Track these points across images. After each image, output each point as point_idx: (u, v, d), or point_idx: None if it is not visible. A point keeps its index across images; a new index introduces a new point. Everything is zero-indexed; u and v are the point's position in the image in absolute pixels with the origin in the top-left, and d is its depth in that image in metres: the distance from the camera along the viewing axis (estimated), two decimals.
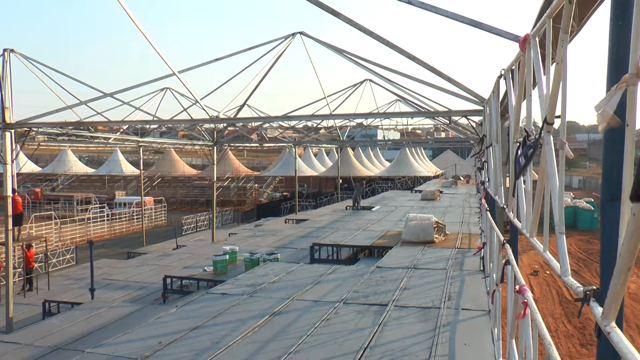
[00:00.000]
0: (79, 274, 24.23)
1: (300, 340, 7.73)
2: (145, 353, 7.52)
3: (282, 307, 9.51)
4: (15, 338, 12.28)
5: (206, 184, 65.43)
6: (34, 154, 69.33)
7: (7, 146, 15.98)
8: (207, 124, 28.97)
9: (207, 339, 7.95)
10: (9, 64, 19.36)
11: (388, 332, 7.98)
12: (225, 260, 17.01)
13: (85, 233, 43.06)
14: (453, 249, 14.78)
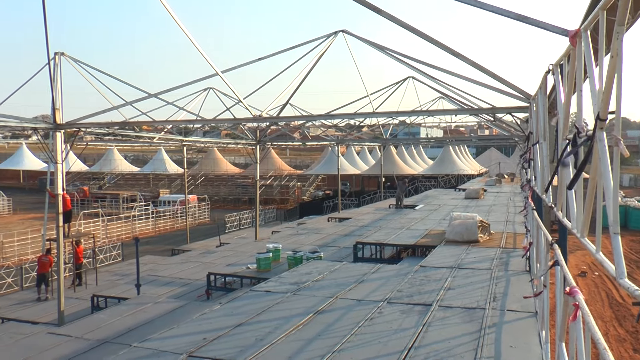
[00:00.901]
0: (125, 270, 24.74)
1: (344, 339, 7.70)
2: (190, 348, 7.60)
3: (326, 305, 9.50)
4: (66, 331, 12.59)
5: (249, 183, 65.93)
6: (82, 153, 70.98)
7: (57, 146, 16.36)
8: (250, 123, 29.16)
9: (251, 336, 7.99)
10: (59, 67, 19.89)
11: (432, 333, 7.89)
12: (269, 258, 17.10)
13: (130, 230, 43.95)
14: (498, 249, 14.53)
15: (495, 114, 18.73)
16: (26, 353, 11.15)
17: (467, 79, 15.35)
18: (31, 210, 57.64)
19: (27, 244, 35.65)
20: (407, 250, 17.68)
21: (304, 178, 72.51)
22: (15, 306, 20.30)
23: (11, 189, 72.01)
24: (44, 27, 14.24)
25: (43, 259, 21.52)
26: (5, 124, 17.80)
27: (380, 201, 43.18)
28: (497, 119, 24.31)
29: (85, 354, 10.67)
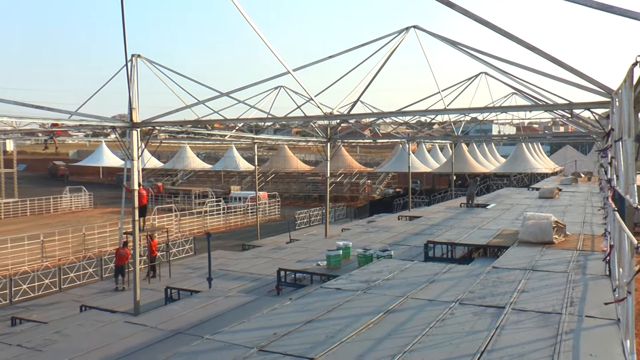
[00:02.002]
0: (197, 264, 25.39)
1: (415, 339, 7.61)
2: (260, 343, 7.70)
3: (397, 305, 9.42)
4: (141, 320, 13.00)
5: (319, 180, 66.26)
6: (156, 150, 73.23)
7: (134, 144, 16.91)
8: (320, 121, 29.30)
9: (321, 333, 8.02)
10: (136, 68, 20.61)
11: (506, 337, 7.68)
12: (339, 255, 17.11)
13: (202, 225, 45.03)
14: (574, 251, 14.00)
15: (573, 110, 18.06)
16: (106, 340, 11.58)
17: (542, 74, 14.81)
18: (110, 205, 60.00)
19: (106, 237, 37.17)
20: (478, 250, 17.32)
21: (374, 176, 72.23)
22: (95, 295, 21.23)
23: (92, 185, 75.15)
24: (123, 32, 14.73)
25: (120, 252, 22.36)
26: (87, 123, 18.60)
27: (451, 200, 42.52)
28: (574, 115, 23.45)
29: (159, 343, 10.95)
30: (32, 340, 13.75)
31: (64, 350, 11.34)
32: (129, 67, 18.13)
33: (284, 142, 65.83)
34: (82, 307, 18.39)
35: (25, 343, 13.52)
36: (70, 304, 20.29)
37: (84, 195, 62.28)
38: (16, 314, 19.32)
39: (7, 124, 26.06)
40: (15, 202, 56.56)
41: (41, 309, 20.06)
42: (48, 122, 21.19)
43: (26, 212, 55.84)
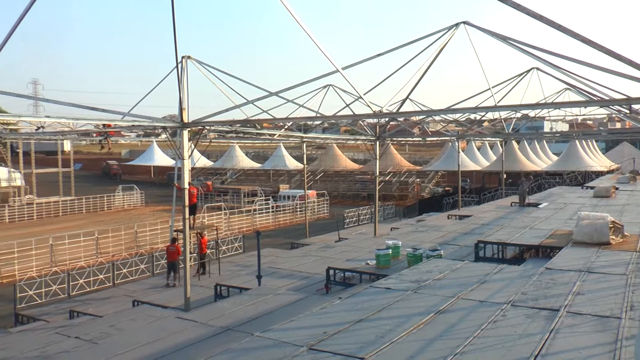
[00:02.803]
0: (246, 261, 25.63)
1: (467, 341, 7.50)
2: (310, 341, 7.72)
3: (447, 305, 9.31)
4: (192, 316, 13.24)
5: (368, 178, 66.00)
6: (206, 150, 74.31)
7: (184, 143, 17.17)
8: (369, 119, 29.17)
9: (371, 332, 7.99)
10: (186, 70, 20.93)
11: (561, 341, 7.48)
12: (388, 254, 17.03)
13: (251, 223, 45.45)
14: (633, 253, 13.54)
15: (631, 105, 17.42)
16: (158, 334, 11.83)
17: (597, 68, 14.31)
18: (161, 203, 61.22)
19: (157, 234, 37.94)
20: (530, 250, 16.95)
21: (423, 174, 71.55)
22: (147, 290, 21.69)
23: (143, 183, 76.84)
24: (173, 34, 14.98)
25: (171, 249, 22.75)
26: (139, 123, 18.98)
27: (502, 199, 41.77)
28: (633, 110, 22.66)
29: (210, 339, 11.11)
30: (89, 332, 14.19)
31: (118, 343, 11.65)
32: (179, 69, 18.42)
33: (332, 141, 65.82)
34: (135, 302, 18.81)
35: (82, 335, 13.97)
36: (123, 298, 20.80)
37: (136, 194, 63.75)
38: (74, 307, 19.95)
39: (65, 125, 26.87)
40: (72, 200, 58.35)
41: (96, 303, 20.62)
42: (102, 123, 21.73)
43: (82, 209, 57.52)
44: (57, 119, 18.82)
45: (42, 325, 18.51)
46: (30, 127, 38.61)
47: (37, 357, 12.68)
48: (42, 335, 15.71)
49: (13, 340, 15.97)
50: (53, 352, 12.72)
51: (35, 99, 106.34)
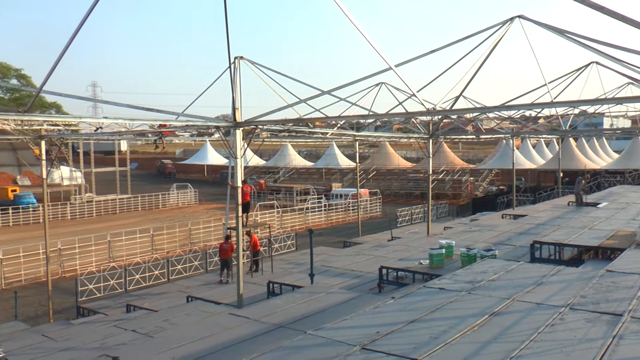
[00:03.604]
0: (299, 259, 25.72)
1: (523, 345, 7.31)
2: (363, 341, 7.67)
3: (502, 307, 9.10)
4: (245, 313, 13.34)
5: (421, 177, 65.45)
6: (259, 149, 74.94)
7: (237, 142, 17.34)
8: (422, 117, 28.88)
9: (425, 333, 7.89)
10: (238, 70, 21.16)
11: (625, 348, 7.17)
12: (442, 254, 16.81)
13: (304, 221, 45.68)
14: None
15: None
16: (212, 329, 11.98)
17: None
18: (214, 201, 62.20)
19: (211, 231, 38.56)
20: (589, 252, 16.43)
21: (477, 172, 70.42)
22: (201, 287, 22.04)
23: (197, 182, 78.18)
24: (226, 35, 15.15)
25: (224, 246, 23.04)
26: (192, 123, 19.30)
27: (558, 198, 40.69)
28: None
29: (262, 335, 11.17)
30: (145, 326, 14.54)
31: (173, 337, 11.85)
32: (232, 69, 18.62)
33: (385, 139, 65.53)
34: (189, 298, 19.14)
35: (139, 329, 14.34)
36: (177, 294, 21.20)
37: (190, 192, 64.97)
38: (130, 302, 20.48)
39: (122, 126, 27.57)
40: (129, 198, 59.96)
41: (152, 298, 21.08)
42: (157, 123, 22.19)
43: (138, 207, 58.99)
44: (115, 120, 19.35)
45: (101, 318, 19.09)
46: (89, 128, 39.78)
47: (97, 348, 13.07)
48: (102, 328, 16.21)
49: (75, 332, 16.57)
50: (112, 344, 13.08)
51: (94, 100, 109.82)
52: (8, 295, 25.11)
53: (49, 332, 16.95)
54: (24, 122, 26.32)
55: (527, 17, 17.58)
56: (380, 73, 18.22)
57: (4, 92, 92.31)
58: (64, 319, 21.12)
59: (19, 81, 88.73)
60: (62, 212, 52.95)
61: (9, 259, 29.50)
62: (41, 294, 25.12)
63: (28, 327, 19.49)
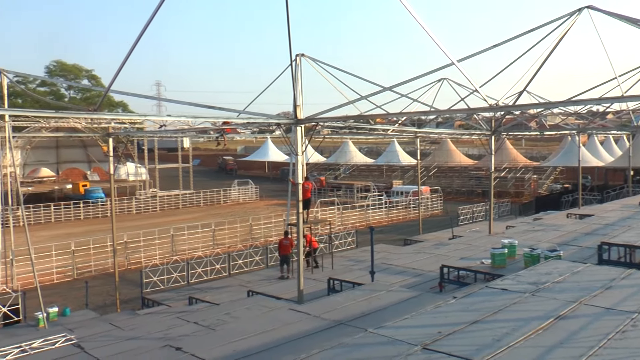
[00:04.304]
0: (359, 256, 25.71)
1: (591, 351, 7.05)
2: (424, 340, 7.59)
3: (568, 310, 8.83)
4: (305, 309, 13.40)
5: (483, 174, 64.25)
6: (319, 146, 75.32)
7: (298, 139, 17.44)
8: (484, 113, 28.33)
9: (487, 335, 7.74)
10: (300, 67, 21.27)
11: None
12: (504, 254, 16.49)
13: (364, 219, 45.62)
14: None
15: None
16: (272, 324, 12.09)
17: None
18: (274, 197, 62.89)
19: (271, 227, 39.01)
20: None
21: (541, 170, 68.57)
22: (261, 281, 22.34)
23: (258, 178, 79.20)
24: (287, 33, 15.24)
25: (284, 242, 23.24)
26: (254, 120, 19.51)
27: (628, 197, 39.22)
28: None
29: (322, 332, 11.18)
30: (207, 319, 14.87)
31: (234, 331, 12.03)
32: (293, 67, 18.72)
33: (446, 136, 64.70)
34: (250, 292, 19.44)
35: (201, 321, 14.68)
36: (238, 288, 21.56)
37: (251, 188, 65.88)
38: (193, 294, 20.98)
39: (185, 123, 28.23)
40: (191, 194, 61.43)
41: (213, 292, 21.51)
42: (219, 121, 22.56)
43: (200, 202, 60.28)
44: (178, 118, 19.79)
45: (165, 309, 19.64)
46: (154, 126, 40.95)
47: (161, 338, 13.47)
48: (165, 319, 16.70)
49: (140, 322, 17.16)
50: (175, 335, 13.43)
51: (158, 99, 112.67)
52: (79, 285, 26.21)
53: (117, 321, 17.63)
54: (94, 121, 27.32)
55: (596, 7, 16.97)
56: (442, 69, 17.95)
57: (75, 92, 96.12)
58: (130, 309, 21.85)
59: (89, 81, 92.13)
60: (128, 207, 54.70)
61: (80, 251, 30.70)
62: (109, 284, 26.04)
63: (97, 315, 20.33)
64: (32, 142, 64.66)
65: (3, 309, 19.88)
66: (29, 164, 67.67)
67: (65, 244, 30.69)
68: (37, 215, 48.62)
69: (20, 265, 24.80)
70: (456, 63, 15.69)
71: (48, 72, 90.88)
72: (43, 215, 49.17)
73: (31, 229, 23.63)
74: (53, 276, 28.43)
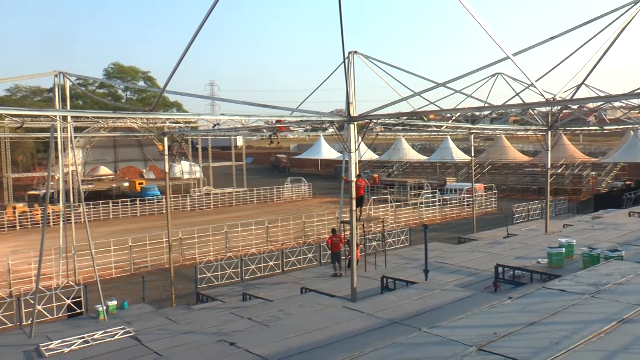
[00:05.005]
0: (412, 255, 25.52)
1: None
2: (479, 341, 7.46)
3: (633, 314, 8.47)
4: (358, 307, 13.35)
5: (538, 171, 62.79)
6: (372, 143, 75.01)
7: (351, 137, 17.40)
8: (540, 108, 27.66)
9: (544, 337, 7.53)
10: (352, 64, 21.23)
11: None
12: (561, 253, 16.06)
13: (417, 216, 45.25)
14: None
15: None
16: (326, 322, 12.09)
17: None
18: (327, 195, 63.08)
19: (324, 225, 39.09)
20: None
21: (600, 166, 66.53)
22: (314, 278, 22.44)
23: (311, 176, 79.66)
24: (340, 30, 15.21)
25: (334, 240, 23.23)
26: (307, 118, 19.58)
27: None
28: None
29: (376, 330, 11.11)
30: (260, 315, 15.04)
31: (287, 327, 12.10)
32: (346, 64, 18.68)
33: (501, 132, 63.50)
34: (303, 289, 19.51)
35: (254, 317, 14.85)
36: (291, 285, 21.71)
37: (304, 186, 66.31)
38: (246, 291, 21.26)
39: (238, 122, 28.57)
40: (245, 191, 62.24)
41: (267, 288, 21.74)
42: (272, 119, 22.73)
43: (253, 200, 61.03)
44: (231, 117, 20.04)
45: (219, 304, 19.97)
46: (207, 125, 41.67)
47: (215, 333, 13.69)
48: (219, 314, 16.97)
49: (195, 316, 17.50)
50: (229, 331, 13.62)
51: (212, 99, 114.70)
52: (137, 280, 26.93)
53: (172, 315, 18.03)
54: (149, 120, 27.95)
55: None
56: (496, 63, 17.55)
57: (132, 93, 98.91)
58: (185, 304, 22.32)
59: (145, 83, 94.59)
60: (183, 204, 55.83)
61: (137, 246, 31.51)
62: (164, 279, 26.63)
63: (154, 309, 20.85)
64: (92, 142, 66.93)
65: (67, 301, 20.70)
66: (89, 162, 70.09)
67: (122, 239, 31.58)
68: (97, 211, 50.23)
69: (81, 260, 25.64)
70: (511, 57, 15.32)
71: (106, 74, 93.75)
72: (102, 212, 50.74)
73: (91, 225, 24.37)
74: (112, 270, 29.32)
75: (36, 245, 21.16)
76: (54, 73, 19.36)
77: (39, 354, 14.67)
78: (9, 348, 15.70)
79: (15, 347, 15.93)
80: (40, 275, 18.64)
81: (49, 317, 20.36)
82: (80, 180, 26.07)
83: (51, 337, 16.19)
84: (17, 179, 61.96)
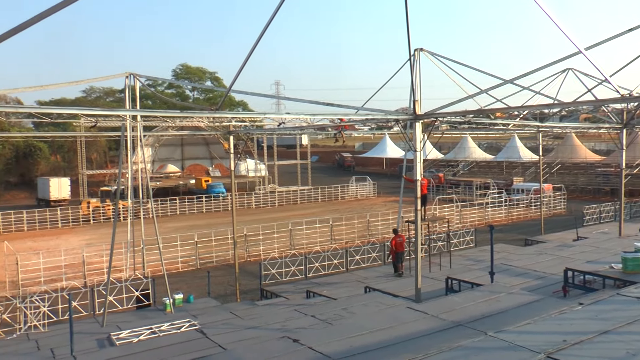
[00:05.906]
0: (478, 256, 25.06)
1: None
2: (548, 348, 7.24)
3: None
4: (423, 308, 13.24)
5: (611, 171, 60.45)
6: (438, 142, 74.15)
7: (416, 135, 17.22)
8: (615, 104, 26.61)
9: (620, 347, 7.22)
10: (418, 62, 21.01)
11: None
12: (638, 258, 15.37)
13: (483, 217, 44.39)
14: None
15: None
16: (390, 322, 12.03)
17: None
18: (392, 194, 62.64)
19: (389, 224, 38.84)
20: None
21: None
22: (378, 278, 22.34)
23: (376, 175, 79.39)
24: (406, 27, 15.05)
25: (398, 240, 23.06)
26: (372, 117, 19.50)
27: None
28: None
29: (440, 332, 11.00)
30: (324, 313, 15.09)
31: (351, 326, 12.11)
32: (412, 62, 18.49)
33: (571, 130, 61.56)
34: (367, 289, 19.47)
35: (318, 315, 14.92)
36: (355, 284, 21.68)
37: (368, 185, 66.21)
38: (310, 288, 21.38)
39: (303, 121, 28.78)
40: (309, 190, 62.69)
41: (330, 286, 21.78)
42: (337, 118, 22.76)
43: (318, 198, 61.40)
44: (297, 115, 20.19)
45: (283, 301, 20.16)
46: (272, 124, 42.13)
47: (278, 329, 13.85)
48: (283, 311, 17.15)
49: (259, 312, 17.74)
50: (292, 327, 13.74)
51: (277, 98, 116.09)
52: (202, 274, 27.54)
53: (237, 310, 18.34)
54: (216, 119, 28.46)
55: None
56: (567, 58, 17.01)
57: (199, 93, 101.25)
58: (249, 300, 22.66)
59: (212, 83, 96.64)
60: (248, 201, 56.79)
61: (203, 242, 32.23)
62: (229, 274, 27.10)
63: (219, 304, 21.28)
64: (160, 140, 68.88)
65: (136, 293, 21.42)
66: (157, 160, 72.31)
67: (189, 235, 32.36)
68: (164, 208, 51.81)
69: (150, 254, 26.45)
70: (583, 51, 14.76)
71: (174, 75, 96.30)
72: (169, 208, 52.24)
73: (158, 220, 25.14)
74: (178, 265, 30.09)
75: (108, 239, 22.02)
76: (125, 75, 20.05)
77: (110, 343, 15.30)
78: (84, 335, 16.42)
79: (89, 334, 16.71)
80: (111, 267, 19.39)
81: (119, 308, 21.13)
82: (148, 177, 26.83)
83: (121, 326, 16.86)
84: (91, 176, 64.61)
